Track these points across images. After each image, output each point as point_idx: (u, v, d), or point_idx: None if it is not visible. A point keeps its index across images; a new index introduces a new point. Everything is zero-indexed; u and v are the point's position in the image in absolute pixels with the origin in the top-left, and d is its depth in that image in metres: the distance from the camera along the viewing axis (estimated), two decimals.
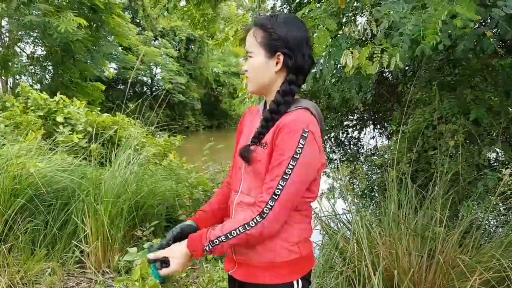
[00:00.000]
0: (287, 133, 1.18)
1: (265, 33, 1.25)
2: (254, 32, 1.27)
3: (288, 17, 1.30)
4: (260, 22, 1.28)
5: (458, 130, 3.11)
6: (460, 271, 2.20)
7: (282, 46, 1.24)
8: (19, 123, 4.79)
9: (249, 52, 1.28)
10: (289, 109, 1.26)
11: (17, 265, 2.89)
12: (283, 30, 1.24)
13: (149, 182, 3.75)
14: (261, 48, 1.26)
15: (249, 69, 1.30)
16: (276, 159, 1.18)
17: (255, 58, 1.27)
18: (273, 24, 1.25)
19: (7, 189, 3.04)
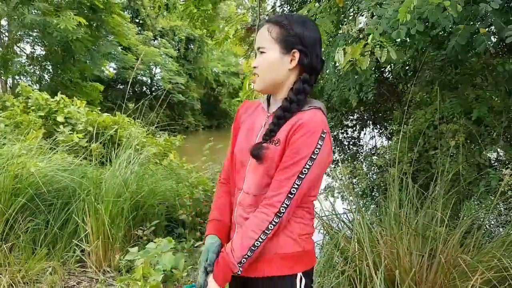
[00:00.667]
0: (306, 133, 1.17)
1: (281, 29, 1.24)
2: (268, 28, 1.25)
3: (302, 17, 1.31)
4: (275, 19, 1.27)
5: (459, 130, 3.11)
6: (462, 270, 2.21)
7: (298, 43, 1.23)
8: (20, 123, 4.79)
9: (261, 47, 1.26)
10: (302, 108, 1.25)
11: (18, 264, 2.88)
12: (300, 28, 1.24)
13: (149, 181, 3.75)
14: (277, 43, 1.24)
15: (261, 64, 1.27)
16: (291, 158, 1.18)
17: (269, 53, 1.25)
18: (290, 22, 1.24)
19: (8, 189, 3.04)
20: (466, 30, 2.08)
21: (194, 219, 3.83)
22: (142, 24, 26.83)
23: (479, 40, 2.05)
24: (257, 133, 1.33)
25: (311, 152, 1.16)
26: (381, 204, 2.94)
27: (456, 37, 2.09)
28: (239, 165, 1.35)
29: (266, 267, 1.27)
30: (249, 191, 1.29)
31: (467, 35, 2.08)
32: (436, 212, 2.55)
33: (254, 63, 1.30)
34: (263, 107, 1.38)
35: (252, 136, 1.33)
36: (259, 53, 1.27)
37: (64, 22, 10.57)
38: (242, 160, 1.33)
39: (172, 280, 2.86)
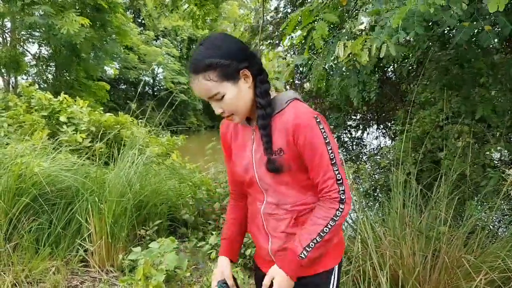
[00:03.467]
0: (306, 130, 1.20)
1: (215, 69, 1.17)
2: (204, 77, 1.18)
3: (214, 39, 1.23)
4: (202, 66, 1.18)
5: (464, 130, 3.10)
6: (465, 270, 2.20)
7: (237, 63, 1.20)
8: (23, 123, 4.80)
9: (215, 95, 1.20)
10: (280, 107, 1.26)
11: (22, 263, 2.89)
12: (226, 51, 1.20)
13: (152, 181, 3.75)
14: (224, 81, 1.19)
15: (227, 106, 1.23)
16: (314, 155, 1.21)
17: (228, 94, 1.20)
18: (213, 55, 1.18)
19: (12, 188, 3.05)
20: (471, 27, 2.08)
21: (197, 219, 3.83)
22: (144, 24, 26.87)
23: (484, 37, 2.06)
24: (250, 148, 1.33)
25: (323, 141, 1.20)
26: (385, 204, 2.93)
27: (460, 33, 2.10)
28: (248, 182, 1.36)
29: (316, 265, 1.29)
30: (272, 202, 1.31)
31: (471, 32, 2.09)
32: (440, 213, 2.55)
33: (218, 110, 1.25)
34: (243, 122, 1.35)
35: (246, 152, 1.34)
36: (216, 100, 1.22)
37: (66, 25, 10.59)
38: (250, 177, 1.34)
39: (175, 280, 2.86)
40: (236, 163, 1.39)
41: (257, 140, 1.31)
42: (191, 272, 3.05)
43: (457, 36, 2.11)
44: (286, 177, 1.26)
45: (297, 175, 1.26)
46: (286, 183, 1.27)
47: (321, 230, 1.20)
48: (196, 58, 1.20)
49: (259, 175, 1.31)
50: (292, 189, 1.28)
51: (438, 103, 3.36)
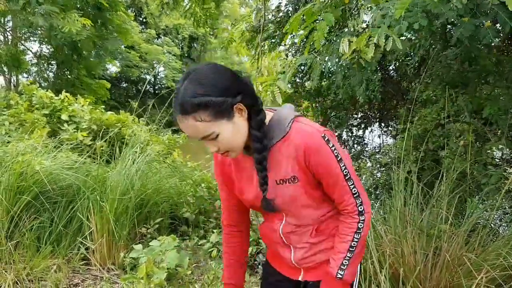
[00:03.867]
0: (315, 152, 1.15)
1: (207, 108, 1.05)
2: (195, 118, 1.05)
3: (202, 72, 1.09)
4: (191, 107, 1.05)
5: (465, 128, 3.10)
6: (466, 269, 2.20)
7: (231, 98, 1.08)
8: (24, 121, 4.81)
9: (210, 135, 1.09)
10: (282, 132, 1.17)
11: (23, 262, 2.90)
12: (217, 87, 1.07)
13: (153, 180, 3.75)
14: (218, 120, 1.07)
15: (223, 145, 1.13)
16: (328, 175, 1.18)
17: (223, 133, 1.09)
18: (204, 92, 1.05)
19: (13, 187, 3.05)
20: (471, 23, 2.08)
21: (198, 217, 3.83)
22: (145, 23, 26.86)
23: (484, 33, 2.05)
24: (252, 178, 1.27)
25: (335, 159, 1.16)
26: (386, 203, 2.93)
27: (461, 29, 2.09)
28: (260, 210, 1.33)
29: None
30: (291, 222, 1.29)
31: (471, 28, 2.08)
32: (441, 211, 2.55)
33: (212, 149, 1.15)
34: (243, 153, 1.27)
35: (254, 182, 1.27)
36: (210, 140, 1.12)
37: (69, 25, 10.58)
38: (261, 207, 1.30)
39: (176, 278, 2.87)
40: (243, 191, 1.32)
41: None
42: (192, 270, 3.05)
43: (457, 31, 2.10)
44: (302, 200, 1.23)
45: (313, 195, 1.24)
46: (302, 206, 1.25)
47: (350, 246, 1.22)
48: (183, 97, 1.05)
49: (276, 203, 1.26)
50: (310, 208, 1.26)
51: (440, 101, 3.35)
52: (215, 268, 3.06)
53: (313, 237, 1.29)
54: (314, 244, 1.30)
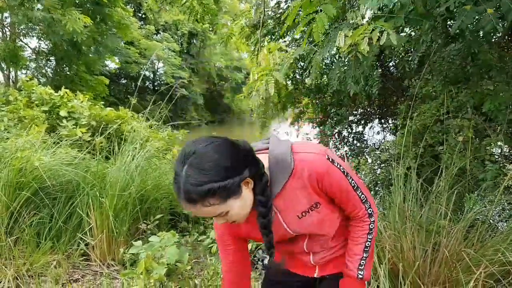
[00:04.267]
0: (325, 177, 1.16)
1: (215, 194, 1.00)
2: (202, 205, 1.01)
3: (204, 155, 1.01)
4: (197, 195, 0.99)
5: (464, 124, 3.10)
6: (465, 264, 2.21)
7: (239, 177, 1.03)
8: (23, 117, 4.80)
9: (220, 214, 1.06)
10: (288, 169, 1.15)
11: (23, 257, 2.90)
12: (224, 170, 1.01)
13: (153, 176, 3.75)
14: (227, 200, 1.03)
15: (233, 218, 1.10)
16: (341, 192, 1.21)
17: (233, 209, 1.06)
18: (210, 179, 0.99)
19: (13, 182, 3.06)
20: (473, 10, 2.05)
21: None
22: (144, 19, 26.79)
23: (487, 20, 1.99)
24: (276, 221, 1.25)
25: (343, 176, 1.19)
26: (385, 199, 2.93)
27: (462, 17, 2.06)
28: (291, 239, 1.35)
29: None
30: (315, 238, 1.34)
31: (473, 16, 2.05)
32: (440, 207, 2.55)
33: (220, 221, 1.12)
34: None
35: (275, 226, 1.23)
36: (220, 216, 1.08)
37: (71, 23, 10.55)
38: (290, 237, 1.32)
39: (176, 274, 2.87)
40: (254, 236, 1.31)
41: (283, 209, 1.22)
42: (192, 266, 3.06)
43: (458, 19, 2.07)
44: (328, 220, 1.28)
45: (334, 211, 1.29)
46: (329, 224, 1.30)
47: (365, 247, 1.30)
48: (186, 186, 0.99)
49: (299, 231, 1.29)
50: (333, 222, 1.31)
51: (440, 97, 3.35)
52: (215, 263, 3.07)
53: (333, 242, 1.36)
54: (332, 248, 1.38)
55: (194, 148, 1.02)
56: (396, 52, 4.45)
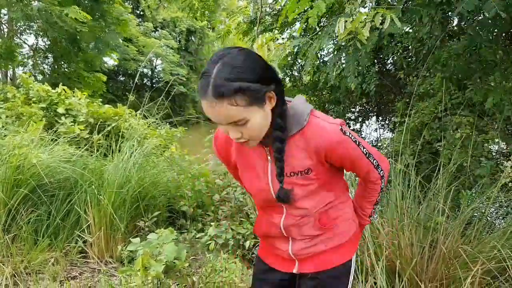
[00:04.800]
0: (338, 147, 1.17)
1: (244, 93, 1.01)
2: (228, 103, 1.00)
3: (236, 56, 1.04)
4: (227, 90, 1.00)
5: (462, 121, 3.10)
6: (462, 261, 2.22)
7: (266, 86, 1.07)
8: (21, 114, 4.78)
9: (240, 121, 1.05)
10: (299, 125, 1.17)
11: (21, 255, 2.90)
12: (255, 72, 1.04)
13: (151, 173, 3.75)
14: (251, 106, 1.04)
15: (251, 131, 1.09)
16: (353, 161, 1.24)
17: (253, 119, 1.06)
18: (241, 77, 1.01)
19: (10, 180, 3.05)
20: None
21: (196, 211, 3.84)
22: (142, 16, 26.70)
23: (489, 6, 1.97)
24: (265, 169, 1.26)
25: (355, 145, 1.21)
26: (383, 196, 2.94)
27: (464, 3, 2.03)
28: (266, 203, 1.33)
29: (333, 258, 1.34)
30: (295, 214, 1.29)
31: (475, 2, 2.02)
32: (438, 204, 2.56)
33: (235, 135, 1.10)
34: None
35: (259, 174, 1.27)
36: (237, 125, 1.07)
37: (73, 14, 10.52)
38: (268, 199, 1.29)
39: (174, 271, 2.87)
40: (246, 181, 1.33)
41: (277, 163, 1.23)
42: (190, 263, 3.06)
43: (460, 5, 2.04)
44: (311, 191, 1.25)
45: (323, 185, 1.26)
46: (310, 196, 1.26)
47: (375, 202, 1.41)
48: (219, 80, 0.99)
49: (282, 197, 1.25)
50: (316, 197, 1.27)
51: (437, 95, 3.35)
52: (213, 261, 3.07)
53: (315, 230, 1.30)
54: (315, 237, 1.31)
55: (228, 51, 1.05)
56: (393, 49, 4.45)
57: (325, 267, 1.33)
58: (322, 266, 1.33)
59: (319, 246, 1.32)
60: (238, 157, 1.32)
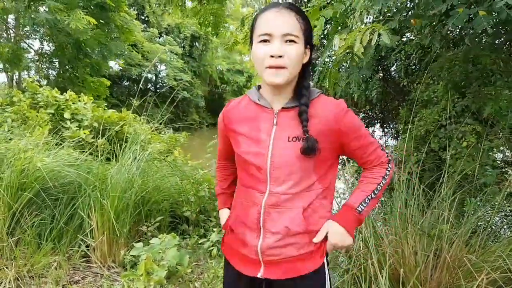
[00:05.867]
0: (346, 115, 1.25)
1: (306, 22, 1.23)
2: (296, 17, 1.20)
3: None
4: (298, 9, 1.24)
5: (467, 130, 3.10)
6: (467, 270, 2.20)
7: (311, 38, 1.27)
8: (27, 118, 4.81)
9: (293, 36, 1.19)
10: (314, 95, 1.29)
11: (24, 258, 2.90)
12: (308, 22, 1.25)
13: (154, 178, 3.75)
14: (303, 36, 1.22)
15: (292, 55, 1.19)
16: (360, 135, 1.29)
17: (299, 45, 1.20)
18: (305, 15, 1.24)
19: (15, 183, 3.06)
20: (465, 13, 2.10)
21: (198, 216, 3.84)
22: (147, 21, 26.88)
23: (478, 22, 2.05)
24: (268, 132, 1.28)
25: (359, 121, 1.31)
26: (387, 204, 2.93)
27: (454, 19, 2.10)
28: (254, 169, 1.29)
29: (304, 265, 1.28)
30: (279, 191, 1.26)
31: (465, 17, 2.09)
32: (442, 212, 2.55)
33: (278, 51, 1.17)
34: (261, 104, 1.31)
35: (262, 136, 1.28)
36: (287, 41, 1.19)
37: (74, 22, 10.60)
38: (258, 165, 1.28)
39: (176, 276, 2.87)
40: (243, 145, 1.32)
41: (281, 126, 1.27)
42: (192, 269, 3.06)
43: (450, 21, 2.10)
44: (308, 162, 1.25)
45: (317, 161, 1.27)
46: (305, 169, 1.25)
47: (375, 188, 1.32)
48: (293, 4, 1.24)
49: (276, 161, 1.25)
50: (308, 176, 1.26)
51: (441, 103, 3.35)
52: (215, 266, 3.07)
53: (295, 222, 1.25)
54: (290, 234, 1.26)
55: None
56: (397, 56, 4.46)
57: (294, 274, 1.27)
58: (290, 272, 1.27)
59: (289, 249, 1.26)
60: (242, 121, 1.35)
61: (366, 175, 1.36)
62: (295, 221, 1.25)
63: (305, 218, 1.26)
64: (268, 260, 1.28)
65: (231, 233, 1.39)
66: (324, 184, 1.30)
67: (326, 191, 1.31)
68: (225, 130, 1.41)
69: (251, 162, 1.29)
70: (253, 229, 1.30)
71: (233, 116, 1.38)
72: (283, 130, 1.26)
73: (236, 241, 1.37)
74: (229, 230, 1.41)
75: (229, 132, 1.39)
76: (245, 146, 1.31)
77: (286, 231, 1.25)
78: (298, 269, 1.27)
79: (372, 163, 1.34)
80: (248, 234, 1.31)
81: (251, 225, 1.30)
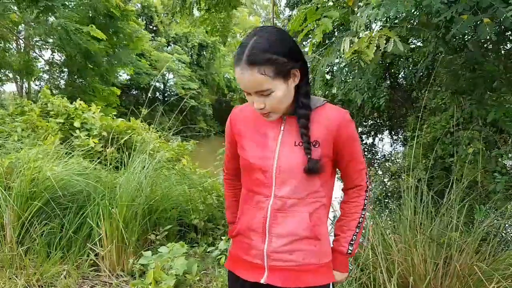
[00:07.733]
0: (347, 126, 1.28)
1: (273, 65, 1.13)
2: (258, 71, 1.13)
3: (272, 31, 1.19)
4: (260, 59, 1.13)
5: (475, 136, 3.07)
6: (477, 278, 2.17)
7: (293, 63, 1.18)
8: (37, 127, 4.87)
9: (265, 91, 1.17)
10: (319, 103, 1.30)
11: (34, 267, 2.92)
12: (285, 48, 1.17)
13: (163, 186, 3.77)
14: (277, 79, 1.16)
15: (273, 103, 1.20)
16: (354, 149, 1.31)
17: (277, 92, 1.18)
18: (273, 50, 1.14)
19: (25, 192, 3.09)
20: (469, 20, 2.10)
21: (207, 224, 3.84)
22: (155, 31, 27.17)
23: (483, 29, 2.06)
24: (275, 137, 1.30)
25: (357, 136, 1.32)
26: (396, 211, 2.91)
27: (458, 25, 2.11)
28: (259, 173, 1.31)
29: (307, 277, 1.28)
30: (284, 196, 1.27)
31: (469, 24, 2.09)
32: (451, 220, 2.52)
33: (259, 105, 1.21)
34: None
35: (269, 142, 1.31)
36: (262, 95, 1.19)
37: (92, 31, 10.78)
38: (264, 169, 1.29)
39: (185, 285, 2.87)
40: (249, 148, 1.34)
41: (288, 131, 1.29)
42: (200, 277, 3.05)
43: (454, 27, 2.10)
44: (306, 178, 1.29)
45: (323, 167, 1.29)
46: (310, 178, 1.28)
47: (358, 222, 1.35)
48: (253, 49, 1.13)
49: (283, 165, 1.26)
50: (313, 180, 1.28)
51: (449, 109, 3.34)
52: (224, 275, 3.06)
53: (302, 227, 1.27)
54: (296, 238, 1.27)
55: (265, 27, 1.21)
56: (404, 63, 4.45)
57: (296, 284, 1.27)
58: (291, 281, 1.27)
59: (296, 255, 1.27)
60: (250, 124, 1.37)
61: (345, 209, 1.39)
62: (301, 225, 1.27)
63: (311, 223, 1.28)
64: (273, 265, 1.28)
65: (238, 237, 1.40)
66: (328, 192, 1.33)
67: (327, 199, 1.33)
68: (232, 134, 1.43)
69: (257, 165, 1.30)
70: (259, 233, 1.31)
71: (241, 120, 1.41)
72: (290, 135, 1.29)
73: (242, 247, 1.37)
74: (236, 235, 1.41)
75: (236, 136, 1.41)
76: (251, 150, 1.33)
77: (293, 235, 1.27)
78: (302, 280, 1.27)
79: (353, 182, 1.36)
80: (254, 238, 1.32)
81: (257, 229, 1.31)
